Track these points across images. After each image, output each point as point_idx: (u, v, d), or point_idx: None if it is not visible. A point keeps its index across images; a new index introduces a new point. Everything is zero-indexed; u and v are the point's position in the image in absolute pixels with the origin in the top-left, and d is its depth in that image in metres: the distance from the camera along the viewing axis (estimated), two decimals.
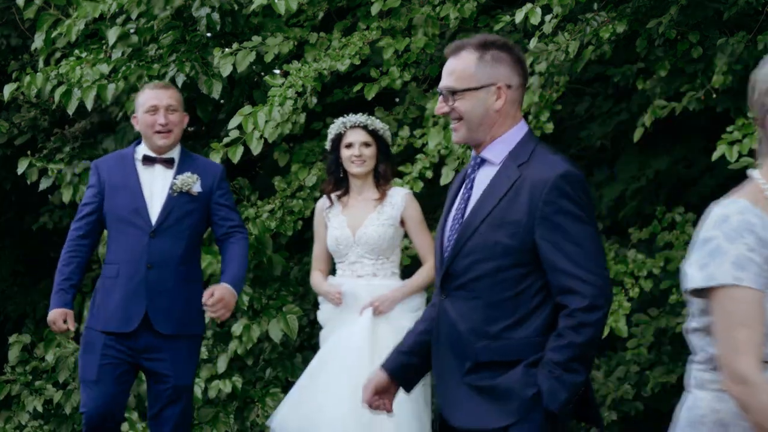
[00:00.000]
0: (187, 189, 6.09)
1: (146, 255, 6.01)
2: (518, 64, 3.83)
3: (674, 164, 7.75)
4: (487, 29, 7.44)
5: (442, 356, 3.84)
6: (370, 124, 6.32)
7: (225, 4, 7.58)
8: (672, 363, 7.37)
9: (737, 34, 6.65)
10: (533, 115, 6.83)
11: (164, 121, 6.09)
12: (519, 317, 3.71)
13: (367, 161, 6.30)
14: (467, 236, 3.77)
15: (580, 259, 3.64)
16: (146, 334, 5.99)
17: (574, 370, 3.61)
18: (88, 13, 7.57)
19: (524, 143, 3.82)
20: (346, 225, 6.31)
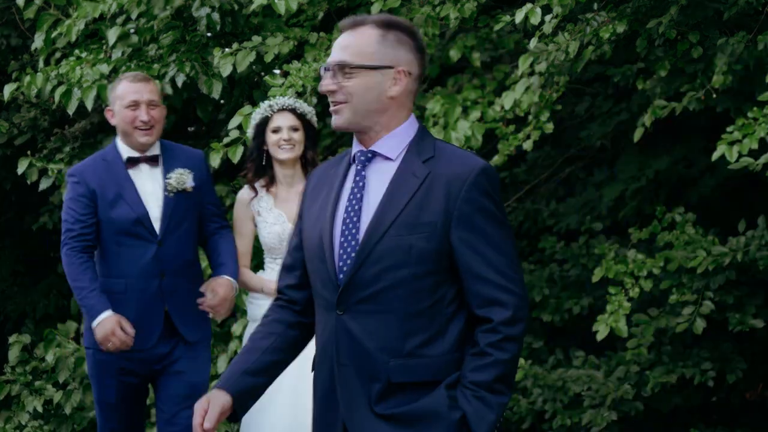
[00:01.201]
0: (182, 187, 5.76)
1: (158, 264, 5.67)
2: (421, 53, 3.49)
3: (674, 164, 7.75)
4: (487, 29, 7.44)
5: (346, 379, 3.36)
6: (298, 107, 6.05)
7: (225, 4, 7.58)
8: (672, 363, 7.37)
9: (737, 34, 6.65)
10: (533, 115, 6.83)
11: (146, 118, 5.73)
12: (435, 331, 3.32)
13: (296, 146, 5.98)
14: (374, 241, 3.34)
15: (503, 266, 3.30)
16: (163, 344, 5.71)
17: (499, 391, 3.27)
18: (88, 13, 7.57)
19: (422, 138, 3.46)
20: (287, 220, 5.96)
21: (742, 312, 7.12)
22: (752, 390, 7.97)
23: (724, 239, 7.06)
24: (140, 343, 5.63)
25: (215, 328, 7.70)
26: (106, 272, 5.70)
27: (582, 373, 7.47)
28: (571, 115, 8.22)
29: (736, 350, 7.47)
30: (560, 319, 7.86)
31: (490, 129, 6.90)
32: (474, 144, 6.77)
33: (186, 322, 5.73)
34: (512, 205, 8.26)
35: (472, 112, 6.92)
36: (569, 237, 8.16)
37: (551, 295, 7.93)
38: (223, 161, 7.15)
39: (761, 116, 6.16)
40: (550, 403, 7.52)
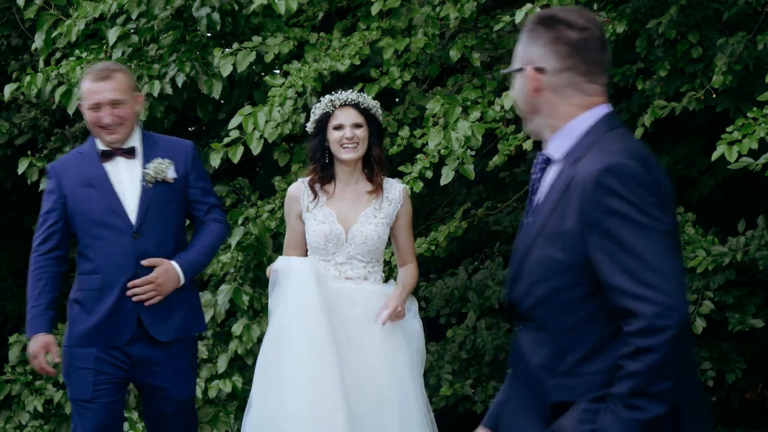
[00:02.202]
0: (162, 177, 5.48)
1: (132, 258, 5.41)
2: (563, 43, 3.17)
3: (674, 164, 7.75)
4: (487, 29, 7.44)
5: (517, 397, 3.23)
6: (362, 102, 5.61)
7: (225, 4, 7.58)
8: None
9: (737, 34, 6.65)
10: None
11: (108, 120, 5.45)
12: (593, 347, 3.07)
13: (360, 145, 5.56)
14: (526, 254, 3.18)
15: (638, 272, 2.99)
16: (141, 344, 5.46)
17: (635, 406, 2.97)
18: (89, 13, 7.58)
19: (589, 134, 3.17)
20: (336, 220, 5.56)
21: (741, 312, 7.12)
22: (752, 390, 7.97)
23: (724, 239, 7.06)
24: (112, 339, 5.44)
25: (215, 328, 7.71)
26: (84, 269, 5.50)
27: None
28: None
29: (736, 350, 7.47)
30: None
31: (490, 129, 6.90)
32: (474, 144, 6.77)
33: (157, 320, 5.46)
34: (512, 205, 8.26)
35: (472, 112, 6.92)
36: None
37: None
38: (223, 161, 7.15)
39: (761, 116, 6.16)
40: None
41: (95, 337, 5.45)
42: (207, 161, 7.24)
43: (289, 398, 5.35)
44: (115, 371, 5.47)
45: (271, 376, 5.44)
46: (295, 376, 5.36)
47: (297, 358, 5.36)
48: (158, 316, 5.46)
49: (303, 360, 5.35)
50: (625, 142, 3.14)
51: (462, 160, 6.72)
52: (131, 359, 5.46)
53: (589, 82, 3.20)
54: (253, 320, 7.48)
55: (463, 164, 6.71)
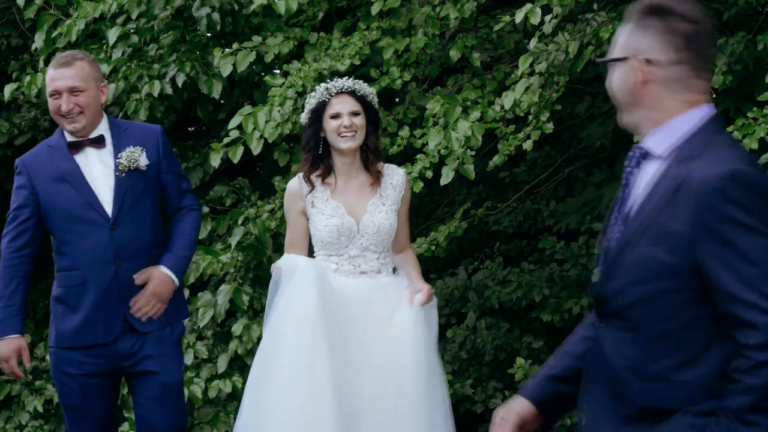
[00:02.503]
0: (135, 165, 5.33)
1: (111, 251, 5.27)
2: (678, 35, 3.09)
3: None
4: (487, 29, 7.44)
5: (594, 396, 3.14)
6: (358, 89, 5.42)
7: (225, 4, 7.58)
8: None
9: (737, 34, 6.66)
10: (533, 115, 6.84)
11: (66, 108, 5.33)
12: (688, 355, 2.95)
13: (358, 133, 5.38)
14: (623, 251, 3.07)
15: (755, 280, 2.87)
16: (125, 338, 5.35)
17: (752, 422, 2.85)
18: (89, 13, 7.58)
19: (699, 133, 3.07)
20: (346, 212, 5.38)
21: None
22: None
23: None
24: (100, 337, 5.31)
25: (215, 329, 7.71)
26: (63, 266, 5.36)
27: None
28: (571, 115, 8.22)
29: None
30: (560, 319, 7.86)
31: (490, 129, 6.90)
32: (474, 144, 6.77)
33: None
34: (512, 205, 8.26)
35: (472, 112, 6.92)
36: (569, 237, 8.16)
37: (551, 295, 7.93)
38: (223, 161, 7.15)
39: (761, 116, 6.16)
40: None
41: (83, 335, 5.31)
42: (207, 161, 7.23)
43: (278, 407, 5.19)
44: (103, 371, 5.36)
45: (262, 383, 5.28)
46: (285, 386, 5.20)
47: (288, 368, 5.19)
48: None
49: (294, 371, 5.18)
50: (738, 147, 3.07)
51: (462, 160, 6.72)
52: (116, 353, 5.34)
53: (697, 78, 3.13)
54: (253, 320, 7.48)
55: (463, 164, 6.71)
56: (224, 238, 7.70)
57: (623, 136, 7.88)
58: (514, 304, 7.93)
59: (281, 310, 5.30)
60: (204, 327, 7.62)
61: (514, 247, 8.47)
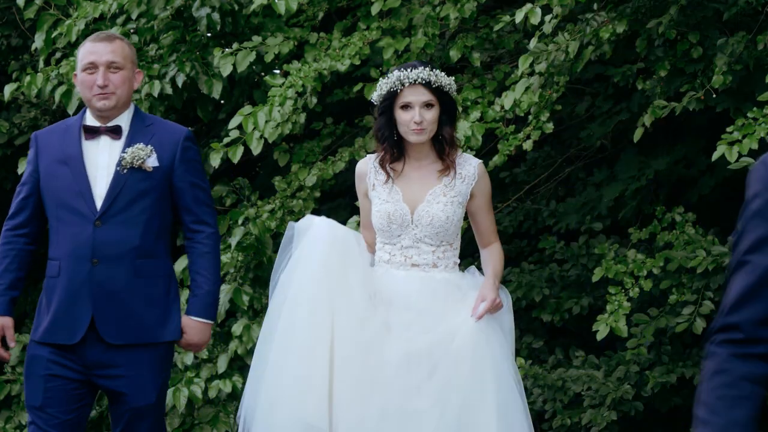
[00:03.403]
0: (139, 164, 4.98)
1: (90, 248, 4.91)
2: None
3: (674, 164, 7.75)
4: (487, 29, 7.45)
5: None
6: (434, 80, 5.00)
7: (225, 4, 7.58)
8: (672, 363, 7.37)
9: (737, 34, 6.65)
10: (533, 115, 6.84)
11: (102, 81, 4.99)
12: None
13: (428, 129, 4.97)
14: None
15: None
16: (95, 346, 4.95)
17: None
18: (89, 13, 7.58)
19: None
20: (402, 199, 4.98)
21: None
22: None
23: (724, 239, 7.06)
24: (65, 337, 4.96)
25: (215, 328, 7.71)
26: (49, 252, 5.06)
27: (582, 373, 7.48)
28: (571, 115, 8.22)
29: None
30: (560, 319, 7.86)
31: (490, 129, 6.90)
32: (474, 144, 6.77)
33: (109, 322, 4.95)
34: (512, 205, 8.26)
35: (472, 112, 6.92)
36: (569, 237, 8.16)
37: (551, 295, 7.93)
38: (223, 161, 7.15)
39: (761, 116, 6.16)
40: (550, 403, 7.52)
41: (50, 333, 4.97)
42: (207, 161, 7.24)
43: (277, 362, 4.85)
44: (70, 375, 4.98)
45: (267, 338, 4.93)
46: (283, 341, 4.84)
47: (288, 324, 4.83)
48: (114, 317, 4.96)
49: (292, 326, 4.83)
50: None
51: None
52: (86, 361, 4.96)
53: None
54: (253, 320, 7.48)
55: None
56: (224, 238, 7.70)
57: (623, 136, 7.88)
58: (514, 304, 7.91)
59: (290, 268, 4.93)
60: None
61: (514, 247, 8.47)
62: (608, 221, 8.04)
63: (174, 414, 7.47)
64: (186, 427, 7.51)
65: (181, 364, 7.49)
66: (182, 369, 7.49)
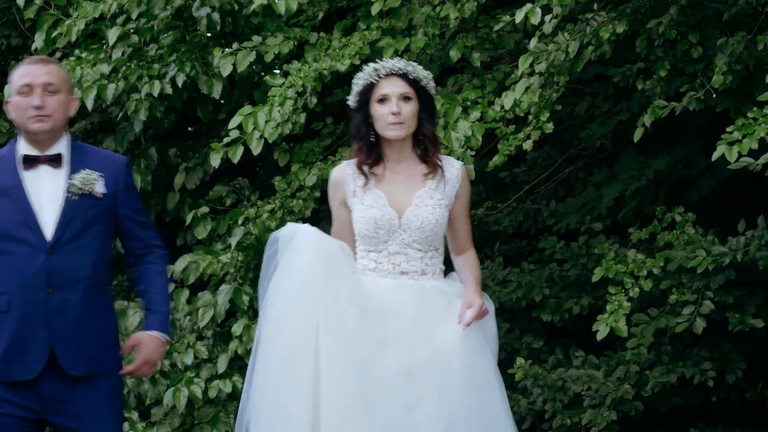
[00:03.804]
0: (89, 189, 4.83)
1: (44, 276, 4.71)
2: None
3: (674, 164, 7.75)
4: (487, 29, 7.45)
5: None
6: (411, 71, 4.84)
7: (225, 4, 7.58)
8: (672, 363, 7.37)
9: (737, 34, 6.65)
10: (533, 115, 6.84)
11: (39, 102, 4.78)
12: None
13: (406, 123, 4.81)
14: None
15: None
16: (52, 380, 4.72)
17: None
18: (88, 13, 7.58)
19: None
20: (388, 203, 4.82)
21: (741, 312, 7.12)
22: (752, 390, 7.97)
23: (724, 239, 7.06)
24: (19, 373, 4.69)
25: (215, 328, 7.70)
26: None
27: (582, 373, 7.47)
28: (571, 115, 8.22)
29: (736, 350, 7.47)
30: (560, 319, 7.86)
31: (490, 129, 6.90)
32: (474, 144, 6.77)
33: (69, 353, 4.75)
34: (512, 205, 8.25)
35: (472, 112, 6.92)
36: (569, 237, 8.16)
37: (551, 295, 7.93)
38: (223, 161, 7.15)
39: (761, 116, 6.16)
40: (550, 403, 7.52)
41: (3, 370, 4.70)
42: (207, 161, 7.23)
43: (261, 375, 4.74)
44: (23, 415, 4.72)
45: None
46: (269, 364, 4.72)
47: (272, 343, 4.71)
48: (74, 347, 4.77)
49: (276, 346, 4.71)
50: None
51: (462, 160, 6.72)
52: (40, 398, 4.73)
53: None
54: (253, 320, 7.47)
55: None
56: (224, 238, 7.70)
57: (623, 136, 7.88)
58: (514, 304, 7.93)
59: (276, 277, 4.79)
60: (204, 327, 7.62)
61: (514, 247, 8.47)
62: (608, 221, 8.03)
63: (174, 414, 7.47)
64: (186, 427, 7.51)
65: (181, 364, 7.49)
66: (182, 369, 7.50)
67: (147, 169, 8.19)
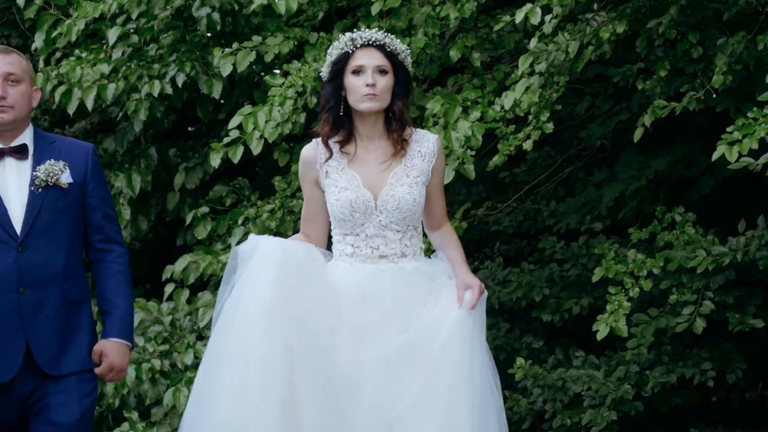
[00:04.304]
0: (54, 180, 4.64)
1: (15, 275, 4.53)
2: None
3: (674, 164, 7.75)
4: (487, 29, 7.45)
5: None
6: (389, 43, 4.64)
7: (225, 4, 7.58)
8: (672, 363, 7.37)
9: (737, 34, 6.65)
10: (533, 115, 6.84)
11: (0, 93, 4.64)
12: None
13: (380, 96, 4.60)
14: None
15: None
16: (27, 380, 4.57)
17: None
18: (89, 13, 7.58)
19: None
20: (362, 184, 4.63)
21: (742, 312, 7.12)
22: (752, 390, 7.97)
23: (724, 239, 7.06)
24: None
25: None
26: None
27: (582, 373, 7.47)
28: (571, 115, 8.22)
29: (736, 350, 7.48)
30: (560, 319, 7.86)
31: (490, 129, 6.90)
32: (474, 144, 6.77)
33: (46, 351, 4.59)
34: (512, 205, 8.25)
35: (472, 112, 6.92)
36: (569, 237, 8.16)
37: (551, 295, 7.93)
38: (223, 161, 7.15)
39: (761, 116, 6.16)
40: (550, 403, 7.52)
41: None
42: (207, 161, 7.23)
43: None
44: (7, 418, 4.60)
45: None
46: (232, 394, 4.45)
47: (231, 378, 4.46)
48: (52, 347, 4.63)
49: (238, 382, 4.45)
50: None
51: (462, 160, 6.72)
52: (16, 397, 4.58)
53: None
54: None
55: (463, 164, 6.71)
56: (224, 238, 7.70)
57: (623, 136, 7.89)
58: (514, 304, 7.93)
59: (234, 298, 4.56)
60: (204, 327, 7.61)
61: (514, 247, 8.47)
62: (608, 221, 8.03)
63: (174, 414, 7.46)
64: None
65: (181, 364, 7.49)
66: (182, 369, 7.49)
67: (147, 169, 8.19)
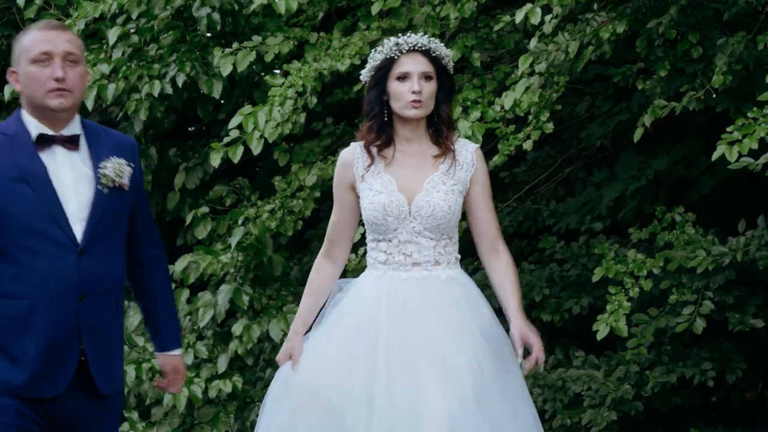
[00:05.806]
0: (120, 181, 4.21)
1: (75, 282, 4.10)
2: None
3: (674, 164, 7.75)
4: (487, 29, 7.45)
5: None
6: (434, 48, 4.54)
7: (225, 4, 7.58)
8: (672, 363, 7.37)
9: (737, 34, 6.65)
10: (533, 115, 6.84)
11: (61, 74, 4.11)
12: None
13: (426, 102, 4.51)
14: None
15: None
16: (74, 396, 4.17)
17: None
18: (89, 13, 7.59)
19: None
20: (397, 188, 4.52)
21: (742, 312, 7.12)
22: (752, 390, 7.98)
23: (724, 239, 7.06)
24: (43, 389, 4.11)
25: (215, 328, 7.71)
26: (5, 289, 4.11)
27: (582, 373, 7.47)
28: (571, 115, 8.22)
29: (736, 350, 7.48)
30: (560, 319, 7.86)
31: (490, 129, 6.90)
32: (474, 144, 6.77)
33: (103, 369, 4.20)
34: (512, 205, 8.25)
35: (472, 112, 6.92)
36: (569, 237, 8.16)
37: (551, 295, 7.93)
38: (223, 161, 7.15)
39: (761, 116, 6.16)
40: (550, 403, 7.52)
41: (31, 387, 4.11)
42: (207, 161, 7.23)
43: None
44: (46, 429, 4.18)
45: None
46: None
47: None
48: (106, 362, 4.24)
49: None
50: None
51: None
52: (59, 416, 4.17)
53: None
54: (253, 320, 7.48)
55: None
56: (224, 238, 7.70)
57: (623, 136, 7.89)
58: None
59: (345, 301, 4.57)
60: (204, 327, 7.62)
61: (514, 247, 8.47)
62: (608, 221, 8.04)
63: (174, 414, 7.47)
64: (186, 427, 7.51)
65: None
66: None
67: (147, 169, 8.19)
